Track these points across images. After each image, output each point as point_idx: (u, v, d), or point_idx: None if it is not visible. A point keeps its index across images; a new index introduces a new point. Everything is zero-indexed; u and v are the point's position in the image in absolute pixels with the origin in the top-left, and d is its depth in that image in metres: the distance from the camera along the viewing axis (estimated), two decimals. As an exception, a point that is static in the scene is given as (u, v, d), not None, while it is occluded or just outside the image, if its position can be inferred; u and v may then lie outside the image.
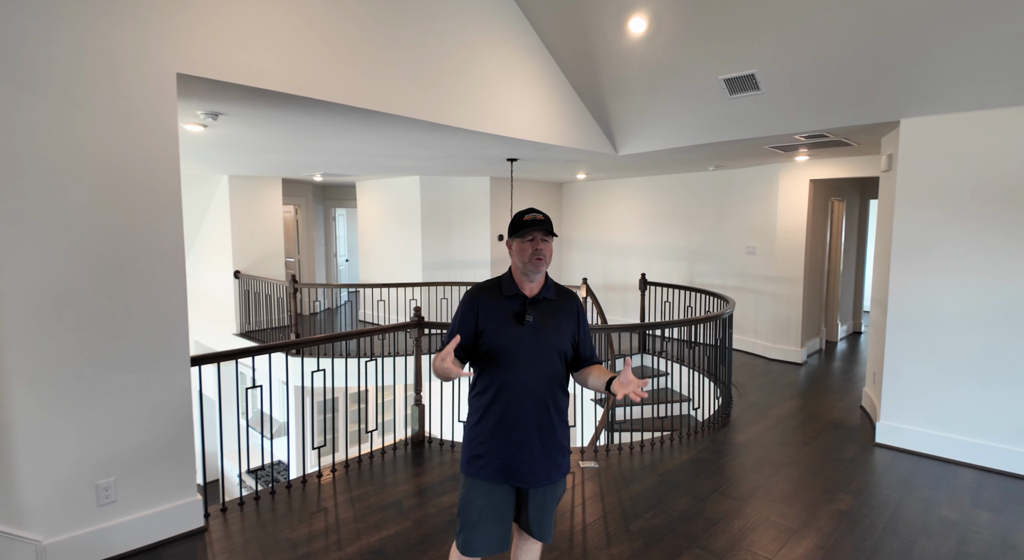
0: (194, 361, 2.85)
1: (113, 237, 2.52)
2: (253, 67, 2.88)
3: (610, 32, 4.19)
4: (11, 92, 2.24)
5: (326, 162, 6.42)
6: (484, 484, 1.84)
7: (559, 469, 1.89)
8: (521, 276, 1.87)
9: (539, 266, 1.81)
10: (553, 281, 1.96)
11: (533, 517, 1.90)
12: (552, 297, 1.90)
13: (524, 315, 1.81)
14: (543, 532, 1.92)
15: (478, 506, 1.84)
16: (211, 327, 8.17)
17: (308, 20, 3.11)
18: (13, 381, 2.32)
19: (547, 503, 1.90)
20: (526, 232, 1.81)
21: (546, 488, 1.88)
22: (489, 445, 1.83)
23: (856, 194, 8.15)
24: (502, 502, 1.85)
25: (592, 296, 6.11)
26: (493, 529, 1.84)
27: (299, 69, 3.07)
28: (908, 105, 3.82)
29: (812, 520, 3.03)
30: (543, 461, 1.84)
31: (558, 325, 1.87)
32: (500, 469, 1.82)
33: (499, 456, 1.81)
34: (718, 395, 4.94)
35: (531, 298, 1.86)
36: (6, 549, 2.32)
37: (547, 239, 1.82)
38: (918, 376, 3.99)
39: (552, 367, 1.84)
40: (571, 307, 1.93)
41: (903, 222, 4.01)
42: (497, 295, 1.86)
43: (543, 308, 1.86)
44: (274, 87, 2.97)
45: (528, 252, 1.81)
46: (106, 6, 2.41)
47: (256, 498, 3.21)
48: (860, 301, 8.61)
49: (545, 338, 1.83)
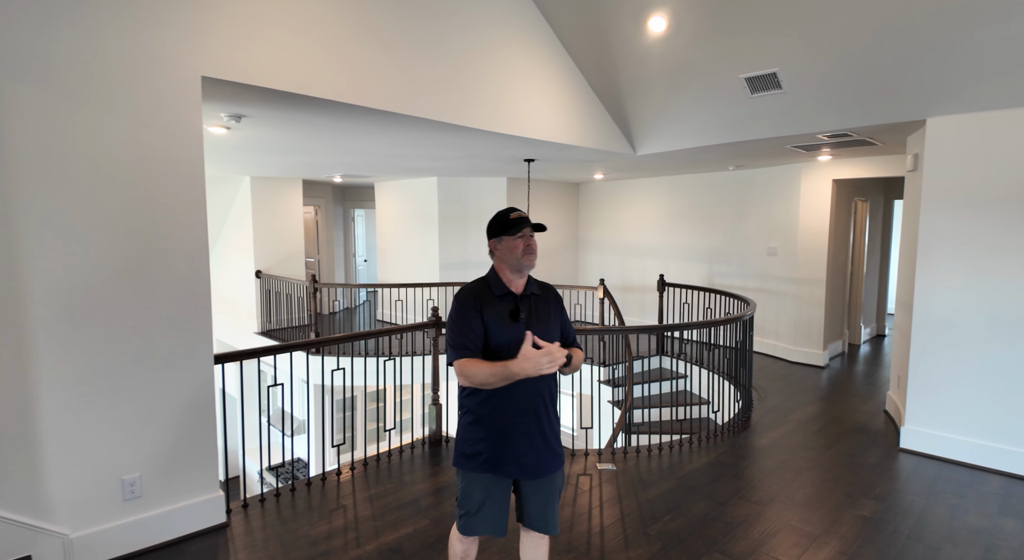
0: (217, 359, 2.90)
1: (139, 237, 2.57)
2: (275, 70, 2.92)
3: (629, 31, 4.17)
4: (44, 97, 2.30)
5: (346, 163, 6.49)
6: (484, 478, 1.89)
7: (558, 458, 1.95)
8: (510, 274, 1.93)
9: (532, 260, 1.90)
10: (532, 278, 2.03)
11: (535, 510, 1.93)
12: (538, 292, 1.98)
13: (518, 312, 1.88)
14: (548, 525, 1.95)
15: (478, 498, 1.90)
16: (232, 325, 8.29)
17: (329, 24, 3.14)
18: (43, 378, 2.37)
19: (548, 494, 1.94)
20: (517, 229, 1.88)
21: (545, 479, 1.92)
22: (490, 442, 1.87)
23: (880, 194, 8.00)
24: (502, 493, 1.92)
25: (609, 297, 6.09)
26: (495, 516, 1.91)
27: (320, 72, 3.11)
28: (935, 103, 3.74)
29: (834, 526, 2.98)
30: (544, 451, 1.90)
31: (547, 318, 1.95)
32: (501, 464, 1.86)
33: (500, 452, 1.86)
34: (738, 398, 4.88)
35: (520, 295, 1.93)
36: (34, 542, 2.38)
37: (533, 234, 1.92)
38: (944, 380, 3.90)
39: None
40: (555, 299, 2.03)
41: (929, 223, 3.93)
42: (489, 295, 1.91)
43: (532, 303, 1.94)
44: (295, 89, 3.01)
45: (521, 248, 1.88)
46: (133, 12, 2.46)
47: (277, 495, 3.25)
48: (884, 303, 8.45)
49: (538, 332, 1.88)
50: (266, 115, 3.63)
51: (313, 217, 10.13)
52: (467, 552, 2.00)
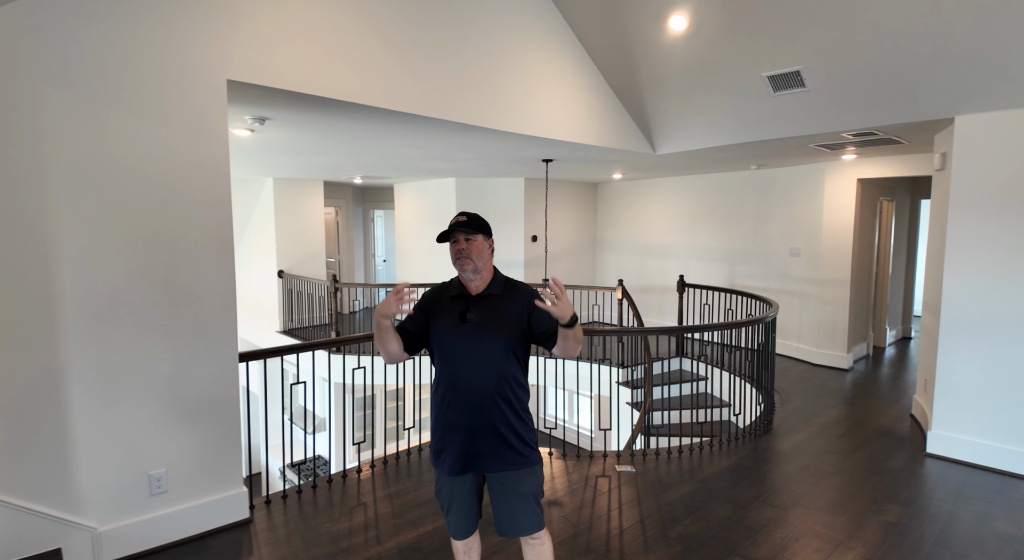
0: (242, 357, 2.94)
1: (166, 237, 2.63)
2: (299, 73, 2.96)
3: (649, 30, 4.15)
4: (76, 100, 2.36)
5: (367, 165, 6.55)
6: (446, 478, 1.93)
7: (520, 455, 1.89)
8: (463, 276, 1.96)
9: (465, 264, 1.88)
10: (504, 277, 2.00)
11: (499, 511, 1.92)
12: (498, 293, 1.94)
13: (467, 313, 1.89)
14: (516, 526, 1.90)
15: (446, 493, 1.95)
16: (255, 325, 8.42)
17: (351, 27, 3.18)
18: (73, 375, 2.44)
19: (511, 492, 1.89)
20: (449, 235, 1.90)
21: (506, 474, 1.88)
22: (446, 440, 1.90)
23: (906, 194, 7.84)
24: (468, 491, 1.94)
25: (628, 298, 6.05)
26: (462, 515, 1.96)
27: (342, 75, 3.14)
28: (963, 101, 3.66)
29: (859, 531, 2.93)
30: (498, 447, 1.88)
31: (504, 320, 1.90)
32: (457, 460, 1.89)
33: (454, 449, 1.89)
34: (760, 401, 4.82)
35: (475, 296, 1.92)
36: (65, 534, 2.44)
37: (472, 237, 1.89)
38: (973, 383, 3.81)
39: (498, 362, 1.88)
40: (517, 298, 1.94)
41: (958, 223, 3.84)
42: (445, 296, 1.95)
43: (488, 305, 1.92)
44: (318, 92, 3.05)
45: (453, 253, 1.90)
46: (162, 18, 2.52)
47: (299, 492, 3.30)
48: (910, 305, 8.28)
49: (490, 334, 1.88)
50: (289, 117, 3.69)
51: (334, 218, 10.24)
52: (468, 548, 2.03)
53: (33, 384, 2.36)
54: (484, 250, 1.91)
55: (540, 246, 8.38)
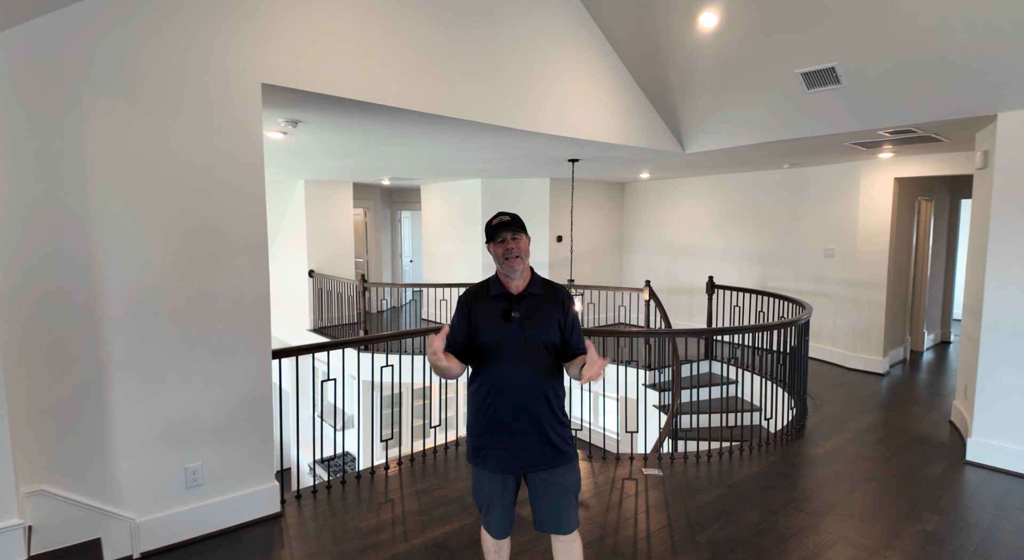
0: (274, 354, 3.01)
1: (204, 237, 2.70)
2: (331, 77, 3.01)
3: (679, 28, 4.10)
4: (119, 104, 2.44)
5: (395, 166, 6.62)
6: (487, 475, 1.93)
7: (561, 454, 1.92)
8: (504, 276, 1.96)
9: (515, 264, 1.91)
10: (540, 277, 2.02)
11: (541, 509, 1.93)
12: (538, 292, 1.97)
13: (511, 312, 1.91)
14: (557, 523, 1.92)
15: (487, 491, 1.95)
16: (286, 323, 8.58)
17: (381, 31, 3.22)
18: (115, 370, 2.52)
19: (554, 489, 1.91)
20: (496, 235, 1.92)
21: (549, 472, 1.91)
22: (488, 437, 1.91)
23: (946, 193, 7.59)
24: (508, 490, 1.94)
25: (655, 299, 5.99)
26: (502, 514, 1.96)
27: (373, 78, 3.19)
28: (1006, 97, 3.52)
29: (895, 540, 2.85)
30: (542, 446, 1.90)
31: (545, 319, 1.93)
32: (500, 459, 1.90)
33: (497, 447, 1.90)
34: (792, 405, 4.72)
35: (517, 295, 1.94)
36: (104, 525, 2.53)
37: (517, 237, 1.92)
38: (1016, 389, 3.67)
39: (541, 359, 1.91)
40: (557, 299, 1.99)
41: (1000, 223, 3.71)
42: (486, 296, 1.96)
43: (529, 303, 1.95)
44: (350, 95, 3.10)
45: (500, 253, 1.92)
46: (199, 23, 2.59)
47: (328, 487, 3.35)
48: (949, 308, 8.01)
49: (533, 332, 1.90)
50: (321, 120, 3.75)
51: (362, 219, 10.38)
52: (500, 548, 2.02)
53: (80, 382, 2.45)
54: (527, 249, 1.96)
55: (565, 246, 8.36)
